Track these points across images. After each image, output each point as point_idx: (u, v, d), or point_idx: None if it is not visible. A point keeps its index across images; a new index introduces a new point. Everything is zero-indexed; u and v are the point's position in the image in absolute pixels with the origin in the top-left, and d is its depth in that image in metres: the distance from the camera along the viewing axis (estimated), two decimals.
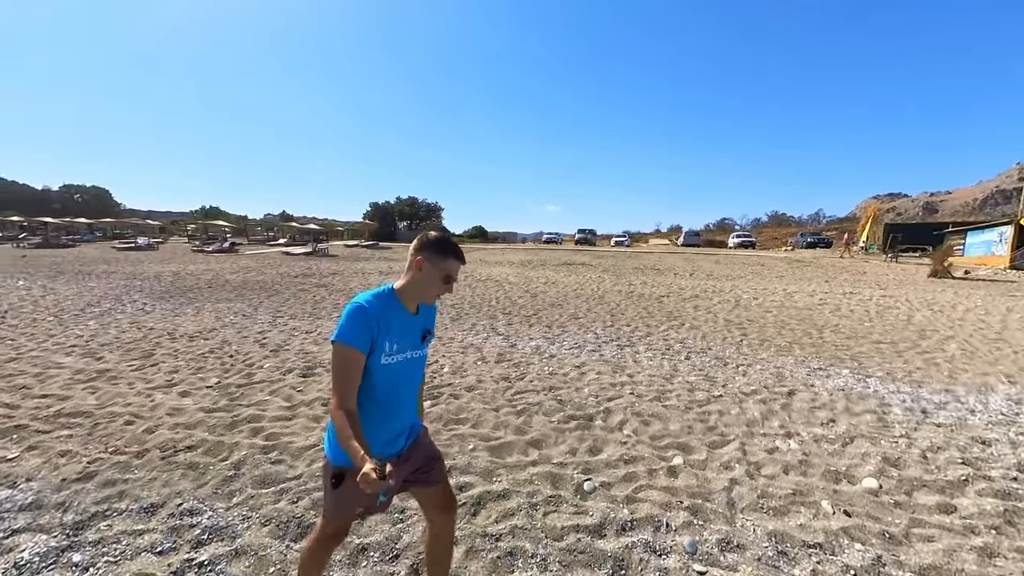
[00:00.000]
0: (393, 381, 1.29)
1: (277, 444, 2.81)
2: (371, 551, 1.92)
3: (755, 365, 4.70)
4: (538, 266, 16.55)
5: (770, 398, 3.71)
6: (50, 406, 3.30)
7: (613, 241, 34.51)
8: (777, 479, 2.48)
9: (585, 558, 1.88)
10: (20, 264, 14.19)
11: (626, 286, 11.10)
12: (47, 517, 2.09)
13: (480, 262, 18.44)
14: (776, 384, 4.09)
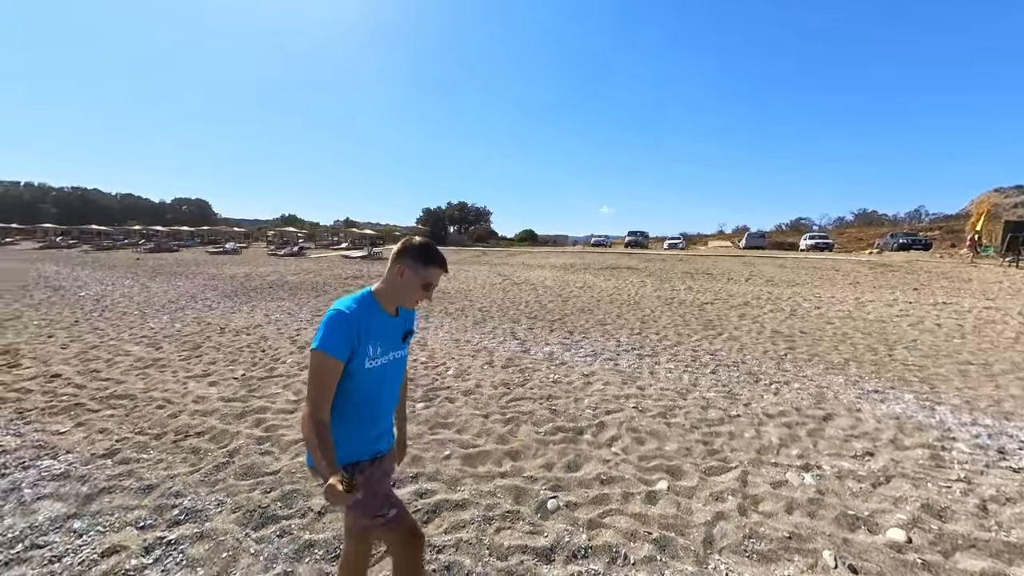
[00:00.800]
0: (376, 383, 1.30)
1: (272, 436, 2.99)
2: (316, 548, 1.96)
3: (793, 383, 4.15)
4: (579, 270, 16.18)
5: (798, 422, 3.24)
6: (106, 388, 3.83)
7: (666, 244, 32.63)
8: (775, 518, 2.14)
9: None
10: (133, 265, 16.77)
11: (668, 291, 10.45)
12: (68, 487, 2.40)
13: (522, 265, 18.45)
14: (812, 406, 3.57)
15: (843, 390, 3.97)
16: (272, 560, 1.88)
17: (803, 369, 4.60)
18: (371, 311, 1.27)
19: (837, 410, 3.49)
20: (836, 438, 2.99)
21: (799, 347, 5.48)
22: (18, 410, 3.37)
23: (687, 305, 8.59)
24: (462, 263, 20.24)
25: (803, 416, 3.36)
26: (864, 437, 3.01)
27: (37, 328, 6.03)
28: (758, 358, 5.02)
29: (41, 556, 1.90)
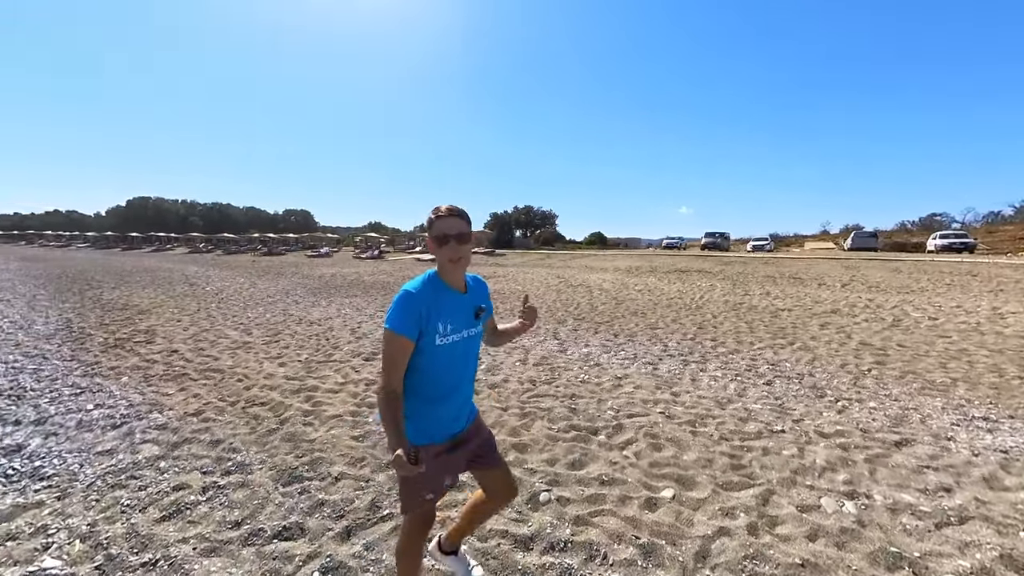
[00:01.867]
0: (449, 361, 1.30)
1: (316, 411, 3.40)
2: (326, 507, 2.21)
3: (867, 402, 3.55)
4: (643, 273, 15.43)
5: (858, 445, 2.78)
6: (206, 363, 4.66)
7: (750, 245, 29.36)
8: (791, 543, 1.89)
9: (495, 564, 1.80)
10: (249, 267, 19.89)
11: (739, 296, 9.51)
12: (163, 436, 3.00)
13: (584, 268, 18.13)
14: (884, 429, 3.03)
15: (937, 415, 3.30)
16: (290, 512, 2.16)
17: (888, 387, 3.91)
18: (438, 289, 1.28)
19: (919, 436, 2.91)
20: (905, 467, 2.52)
21: (891, 363, 4.65)
22: (145, 376, 4.27)
23: (758, 311, 7.75)
24: (523, 265, 20.50)
25: (868, 439, 2.88)
26: (946, 470, 2.48)
27: (171, 314, 7.52)
28: (831, 372, 4.37)
29: (135, 484, 2.41)
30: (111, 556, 1.87)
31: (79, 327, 6.39)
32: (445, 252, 1.27)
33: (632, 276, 14.33)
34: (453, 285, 1.32)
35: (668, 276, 14.08)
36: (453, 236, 1.26)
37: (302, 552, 1.89)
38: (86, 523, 2.08)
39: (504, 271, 17.17)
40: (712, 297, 9.51)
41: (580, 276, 14.55)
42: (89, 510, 2.18)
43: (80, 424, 3.17)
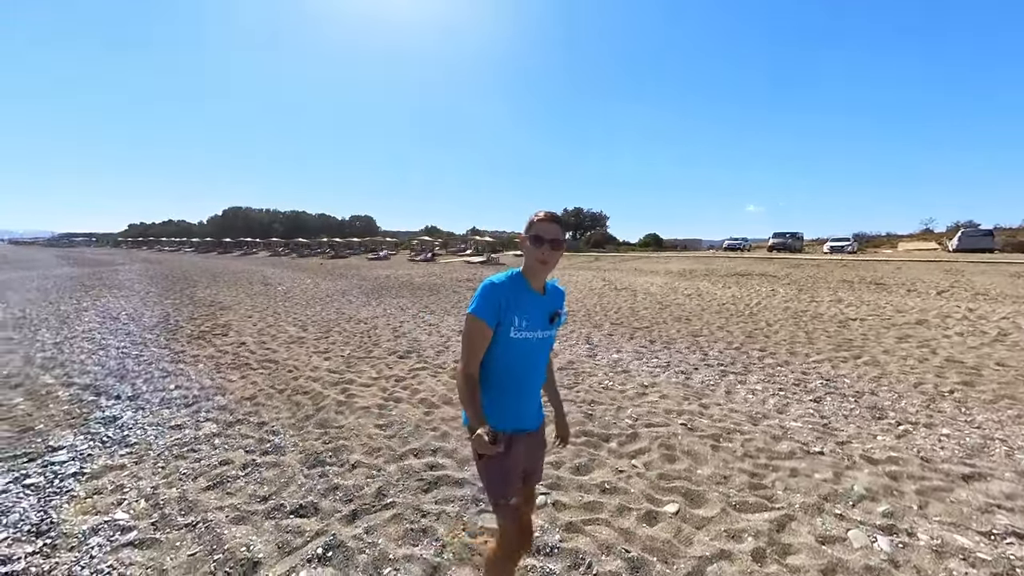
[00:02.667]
0: (521, 355, 1.34)
1: (348, 402, 3.68)
2: (339, 491, 2.40)
3: (938, 427, 3.08)
4: (698, 276, 14.56)
5: (913, 475, 2.43)
6: (266, 355, 5.23)
7: (827, 246, 26.29)
8: (800, 575, 1.72)
9: (479, 560, 1.85)
10: (317, 269, 21.79)
11: (803, 303, 8.63)
12: (222, 416, 3.44)
13: (633, 271, 17.53)
14: (953, 459, 2.61)
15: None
16: (308, 492, 2.39)
17: (971, 412, 3.36)
18: (518, 286, 1.34)
19: (997, 471, 2.48)
20: (969, 505, 2.16)
21: (983, 384, 3.98)
22: (216, 364, 4.89)
23: (823, 320, 6.98)
24: (570, 268, 20.25)
25: (928, 469, 2.50)
26: (1022, 513, 2.09)
27: (245, 311, 8.50)
28: (900, 391, 3.84)
29: (192, 456, 2.80)
30: (164, 515, 2.20)
31: (174, 320, 7.47)
32: (537, 253, 1.32)
33: (683, 280, 13.59)
34: (534, 285, 1.37)
35: (724, 280, 13.16)
36: (548, 240, 1.31)
37: (312, 529, 2.08)
38: (151, 486, 2.46)
39: (554, 274, 17.06)
40: (770, 303, 8.73)
41: (627, 279, 14.09)
42: (155, 475, 2.58)
43: (162, 402, 3.73)
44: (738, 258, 22.37)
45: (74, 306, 8.92)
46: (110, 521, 2.15)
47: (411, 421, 3.25)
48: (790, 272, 14.96)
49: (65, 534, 2.06)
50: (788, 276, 13.82)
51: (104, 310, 8.45)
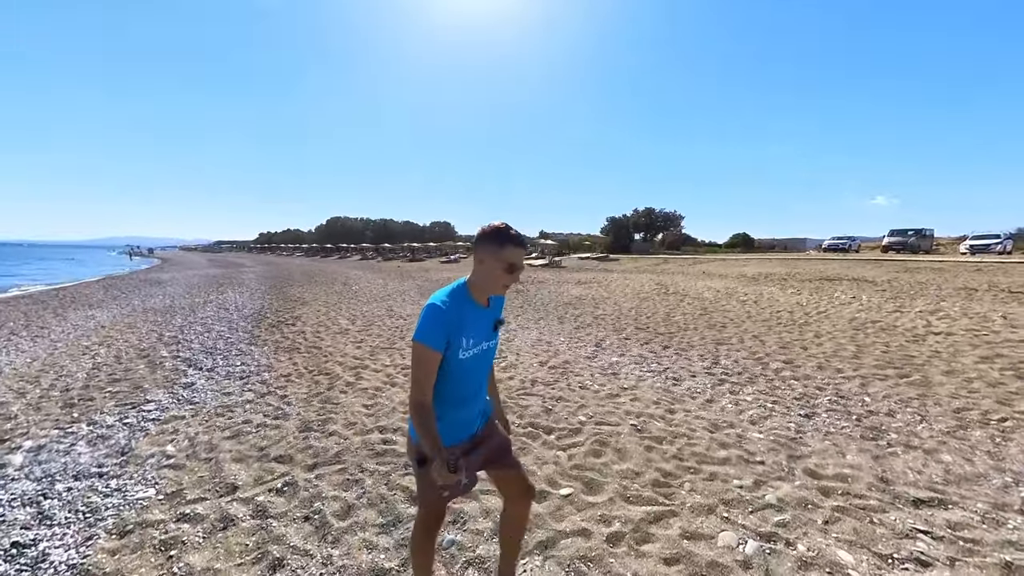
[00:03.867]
0: (469, 372, 1.35)
1: (354, 383, 4.35)
2: (310, 450, 2.99)
3: (942, 453, 2.68)
4: (771, 281, 13.17)
5: (851, 492, 2.22)
6: (313, 342, 6.25)
7: (965, 245, 21.19)
8: (639, 559, 1.80)
9: (384, 507, 2.25)
10: (393, 271, 24.14)
11: (882, 314, 7.46)
12: (260, 388, 4.33)
13: (700, 275, 16.39)
14: (921, 483, 2.31)
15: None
16: (290, 447, 3.01)
17: (1008, 446, 2.82)
18: (464, 303, 1.30)
19: (966, 500, 2.15)
20: (890, 527, 1.95)
21: None
22: (275, 347, 6.01)
23: (892, 333, 6.04)
24: (631, 272, 19.56)
25: (877, 490, 2.26)
26: (956, 545, 1.84)
27: (319, 306, 10.01)
28: (929, 414, 3.33)
29: (228, 415, 3.65)
30: (194, 452, 2.99)
31: (264, 311, 9.17)
32: (508, 279, 1.30)
33: (751, 284, 12.41)
34: (479, 300, 1.34)
35: (800, 285, 11.72)
36: (520, 268, 1.31)
37: (280, 471, 2.68)
38: (194, 432, 3.32)
39: (604, 277, 16.78)
40: (837, 312, 7.69)
41: (686, 283, 13.29)
42: (199, 426, 3.45)
43: (226, 375, 4.80)
44: (837, 260, 19.45)
45: (203, 299, 11.36)
46: (161, 451, 3.01)
47: (391, 404, 3.78)
48: (896, 277, 12.72)
49: (135, 455, 2.95)
50: (890, 282, 11.79)
51: (221, 303, 10.64)
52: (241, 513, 2.23)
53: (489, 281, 1.31)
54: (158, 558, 1.93)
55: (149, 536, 2.07)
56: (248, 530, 2.10)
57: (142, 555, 1.95)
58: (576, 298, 10.79)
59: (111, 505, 2.34)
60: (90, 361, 5.37)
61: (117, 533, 2.10)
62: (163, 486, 2.51)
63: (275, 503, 2.33)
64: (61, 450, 2.99)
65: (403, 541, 1.98)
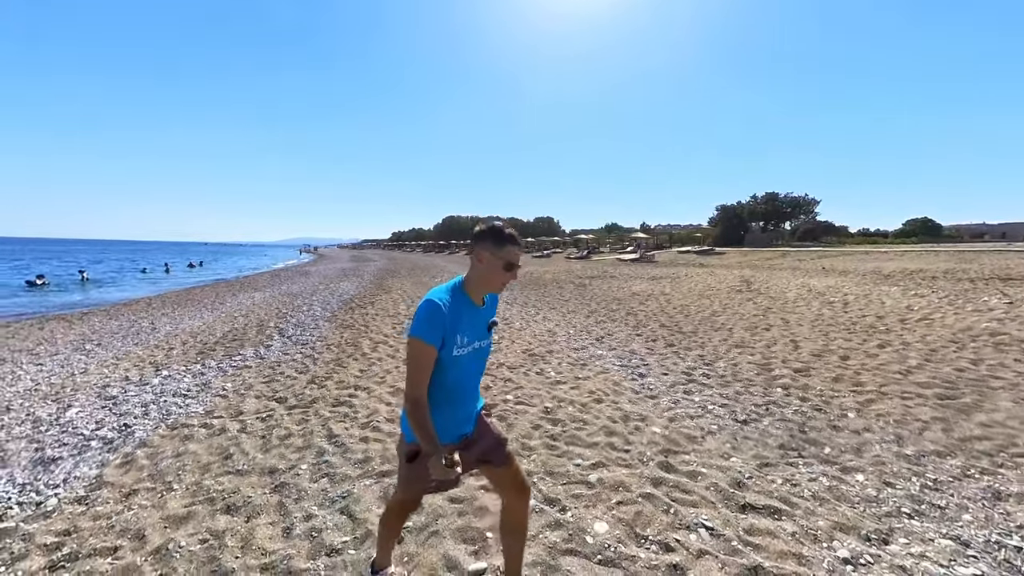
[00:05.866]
0: (462, 371, 1.35)
1: (368, 354, 5.37)
2: (318, 421, 4.01)
3: (856, 474, 2.30)
4: (914, 279, 10.51)
5: (668, 483, 2.17)
6: (365, 322, 7.60)
7: None
8: (473, 516, 2.19)
9: (341, 436, 3.05)
10: None
11: (1002, 325, 5.57)
12: (308, 351, 5.70)
13: (819, 272, 13.81)
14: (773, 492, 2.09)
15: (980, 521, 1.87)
16: (294, 394, 4.09)
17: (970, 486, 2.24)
18: (460, 302, 1.31)
19: (795, 511, 1.91)
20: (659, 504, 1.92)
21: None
22: (340, 324, 7.53)
23: (1001, 346, 4.59)
24: (722, 267, 17.41)
25: (707, 489, 2.15)
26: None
27: (396, 292, 11.76)
28: (899, 433, 2.74)
29: (277, 368, 4.98)
30: (238, 389, 4.29)
31: (355, 297, 11.25)
32: (506, 277, 1.32)
33: (871, 284, 10.12)
34: (475, 299, 1.35)
35: (951, 285, 9.10)
36: (517, 266, 1.32)
37: (272, 407, 3.73)
38: (247, 376, 4.68)
39: (688, 272, 15.37)
40: (958, 322, 5.98)
41: (780, 281, 11.48)
42: (257, 376, 4.82)
43: (295, 340, 6.35)
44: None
45: (324, 287, 14.33)
46: (222, 386, 4.39)
47: (379, 371, 4.65)
48: None
49: (209, 386, 4.38)
50: None
51: (333, 290, 13.30)
52: (232, 428, 3.29)
53: (487, 279, 1.32)
54: (180, 442, 3.06)
55: (184, 431, 3.25)
56: (229, 437, 3.12)
57: (174, 439, 3.11)
58: (631, 294, 10.40)
59: (179, 412, 3.66)
60: (230, 325, 7.64)
61: (170, 427, 3.36)
62: (209, 408, 3.77)
63: (255, 425, 3.34)
64: (176, 378, 4.62)
65: (315, 465, 2.72)
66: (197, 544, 1.96)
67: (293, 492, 2.35)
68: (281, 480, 2.46)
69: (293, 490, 2.36)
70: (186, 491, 2.40)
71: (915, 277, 10.92)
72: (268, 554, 1.89)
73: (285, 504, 2.24)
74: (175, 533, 2.04)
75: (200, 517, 2.16)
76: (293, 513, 2.17)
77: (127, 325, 8.08)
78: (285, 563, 1.83)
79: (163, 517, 2.16)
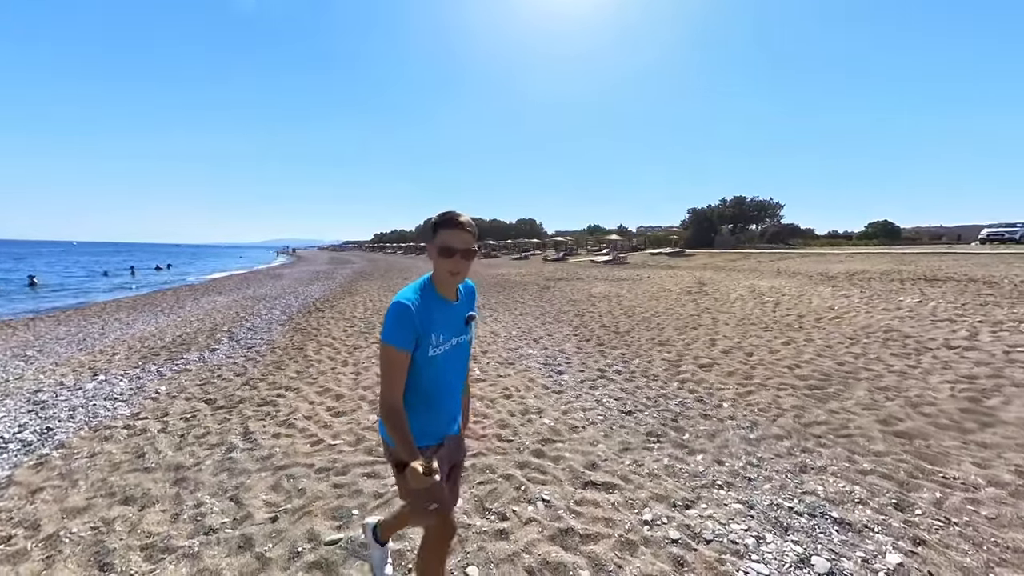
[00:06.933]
0: (440, 371, 1.30)
1: (309, 356, 5.54)
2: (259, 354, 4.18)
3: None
4: (852, 281, 11.22)
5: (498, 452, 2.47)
6: (318, 325, 7.75)
7: None
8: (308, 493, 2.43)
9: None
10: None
11: (900, 323, 6.13)
12: (252, 355, 5.84)
13: (774, 273, 14.53)
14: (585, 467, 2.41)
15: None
16: (229, 387, 4.25)
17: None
18: (430, 299, 1.27)
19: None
20: None
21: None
22: (292, 328, 7.64)
23: (896, 345, 5.08)
24: (687, 268, 18.05)
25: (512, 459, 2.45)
26: None
27: (359, 297, 11.86)
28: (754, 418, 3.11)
29: (216, 371, 5.12)
30: (171, 391, 4.42)
31: (319, 300, 11.30)
32: (447, 264, 1.26)
33: (816, 284, 10.78)
34: (445, 295, 1.31)
35: (883, 287, 9.78)
36: (460, 251, 1.25)
37: (198, 407, 3.89)
38: (185, 380, 4.81)
39: (650, 274, 15.94)
40: (868, 319, 6.52)
41: (731, 283, 12.08)
42: (193, 376, 4.94)
43: (243, 344, 6.43)
44: (983, 255, 15.14)
45: (292, 290, 14.28)
46: (156, 389, 4.51)
47: (315, 372, 4.84)
48: None
49: (143, 390, 4.49)
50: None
51: (298, 294, 13.28)
52: (153, 429, 3.44)
53: (441, 271, 1.27)
54: (98, 443, 3.20)
55: (105, 433, 3.39)
56: (148, 438, 3.27)
57: (93, 441, 3.25)
58: (588, 296, 10.79)
59: (105, 415, 3.78)
60: (182, 330, 7.65)
61: (93, 429, 3.48)
62: (136, 410, 3.90)
63: (176, 425, 3.50)
64: (112, 383, 4.71)
65: (220, 461, 2.92)
66: (88, 531, 2.15)
67: (191, 484, 2.55)
68: (184, 475, 2.66)
69: (192, 483, 2.57)
70: (91, 487, 2.57)
71: (855, 278, 11.65)
72: (151, 536, 2.10)
73: (181, 495, 2.44)
74: (70, 523, 2.22)
75: (96, 508, 2.34)
76: (186, 502, 2.37)
77: (75, 331, 8.00)
78: (164, 542, 2.04)
79: (61, 509, 2.34)
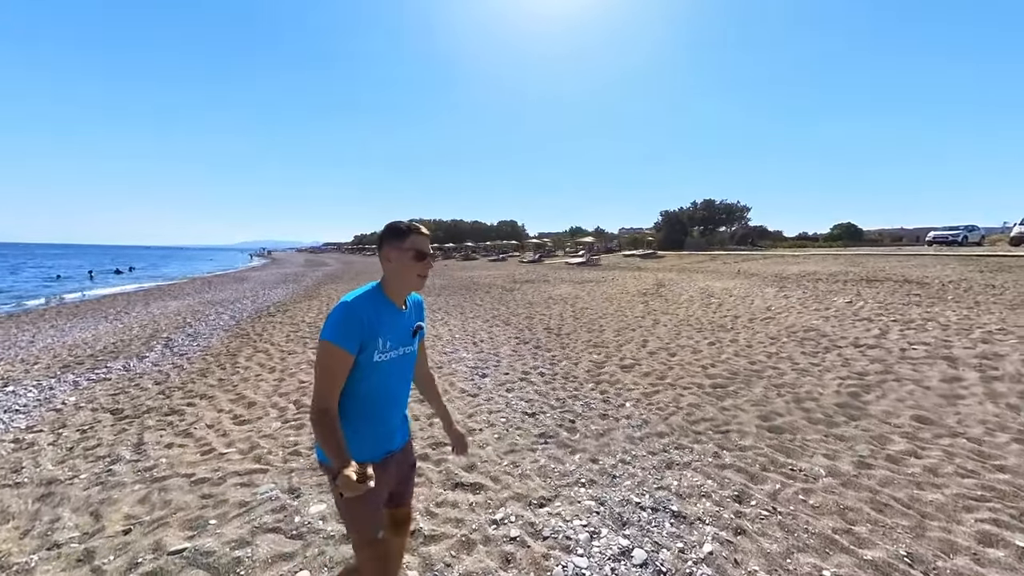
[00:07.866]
0: (386, 378, 1.27)
1: (240, 363, 5.45)
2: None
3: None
4: (802, 282, 11.67)
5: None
6: (263, 330, 7.61)
7: None
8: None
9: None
10: (441, 270, 25.99)
11: (824, 323, 6.44)
12: (197, 355, 5.69)
13: (734, 275, 14.97)
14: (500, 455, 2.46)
15: None
16: (184, 381, 4.14)
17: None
18: (379, 304, 1.25)
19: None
20: None
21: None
22: (237, 333, 7.48)
23: (797, 338, 5.33)
24: (652, 270, 18.45)
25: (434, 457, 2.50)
26: None
27: (318, 301, 11.67)
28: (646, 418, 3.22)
29: (138, 380, 4.99)
30: (79, 403, 4.28)
31: (274, 306, 11.08)
32: (418, 268, 1.27)
33: (766, 286, 11.16)
34: (396, 301, 1.30)
35: (827, 287, 10.21)
36: (429, 255, 1.28)
37: (100, 418, 3.78)
38: (100, 389, 4.65)
39: (613, 275, 16.23)
40: (784, 321, 6.80)
41: (688, 284, 12.40)
42: (110, 385, 4.79)
43: (177, 351, 6.25)
44: (926, 256, 15.98)
45: (250, 295, 13.93)
46: (68, 400, 4.36)
47: (237, 377, 4.76)
48: (969, 278, 10.27)
49: (51, 404, 4.33)
50: (951, 284, 9.63)
51: (255, 298, 12.98)
52: (42, 442, 3.33)
53: (401, 276, 1.26)
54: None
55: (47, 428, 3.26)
56: (33, 451, 3.16)
57: (25, 446, 3.13)
58: (547, 299, 10.90)
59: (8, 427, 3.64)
60: (119, 336, 7.37)
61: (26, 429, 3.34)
62: (33, 423, 3.75)
63: (68, 438, 3.38)
64: (20, 393, 4.52)
65: (98, 475, 2.84)
66: None
67: (56, 500, 2.48)
68: (52, 490, 2.58)
69: (58, 498, 2.50)
70: None
71: (804, 279, 12.13)
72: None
73: (41, 511, 2.38)
74: None
75: None
76: (42, 517, 2.31)
77: (1, 339, 7.63)
78: (2, 559, 1.99)
79: None
